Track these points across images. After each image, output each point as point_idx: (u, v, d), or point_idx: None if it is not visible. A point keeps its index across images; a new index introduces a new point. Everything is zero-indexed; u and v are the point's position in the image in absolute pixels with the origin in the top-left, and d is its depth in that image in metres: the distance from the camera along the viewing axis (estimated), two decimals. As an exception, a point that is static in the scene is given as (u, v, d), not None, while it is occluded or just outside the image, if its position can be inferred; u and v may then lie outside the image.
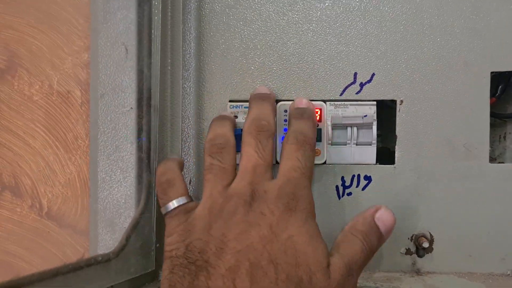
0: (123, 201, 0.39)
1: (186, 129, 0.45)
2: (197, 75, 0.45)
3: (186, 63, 0.45)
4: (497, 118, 0.53)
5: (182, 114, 0.44)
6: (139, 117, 0.39)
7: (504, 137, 0.53)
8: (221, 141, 0.38)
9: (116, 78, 0.38)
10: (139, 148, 0.39)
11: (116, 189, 0.39)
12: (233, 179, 0.37)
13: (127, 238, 0.37)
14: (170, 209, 0.37)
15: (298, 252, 0.33)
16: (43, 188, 0.43)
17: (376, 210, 0.37)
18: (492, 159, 0.53)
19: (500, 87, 0.48)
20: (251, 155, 0.37)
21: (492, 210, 0.44)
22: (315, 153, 0.40)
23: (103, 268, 0.34)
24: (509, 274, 0.44)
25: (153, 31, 0.39)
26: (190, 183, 0.46)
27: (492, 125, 0.53)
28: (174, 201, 0.37)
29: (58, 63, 0.41)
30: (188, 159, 0.45)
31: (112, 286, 0.35)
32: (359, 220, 0.37)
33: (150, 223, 0.39)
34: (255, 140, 0.38)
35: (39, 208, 0.43)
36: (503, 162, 0.49)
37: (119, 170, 0.40)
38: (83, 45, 0.41)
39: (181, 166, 0.40)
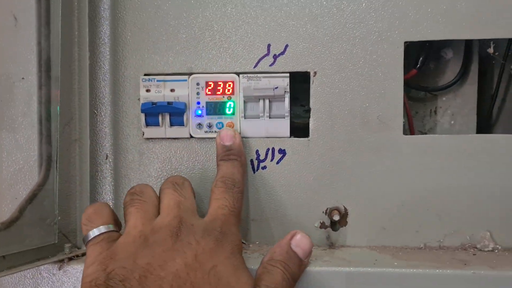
0: (22, 174, 0.39)
1: (98, 101, 0.45)
2: (112, 49, 0.45)
3: (100, 34, 0.45)
4: (429, 92, 0.52)
5: (94, 87, 0.44)
6: (40, 89, 0.39)
7: (435, 111, 0.53)
8: (139, 190, 0.39)
9: (8, 50, 0.37)
10: (40, 120, 0.39)
11: (15, 162, 0.39)
12: (156, 214, 0.37)
13: (21, 210, 0.37)
14: (94, 235, 0.36)
15: (221, 282, 0.33)
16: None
17: (292, 237, 0.37)
18: (423, 133, 0.53)
19: (421, 59, 0.48)
20: (171, 193, 0.38)
21: (406, 182, 0.43)
22: (243, 195, 0.41)
23: (-9, 238, 0.34)
24: (422, 247, 0.43)
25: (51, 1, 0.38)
26: (106, 157, 0.46)
27: (423, 100, 0.53)
28: (100, 227, 0.37)
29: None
30: (103, 132, 0.45)
31: (3, 256, 0.35)
32: (276, 250, 0.37)
33: (50, 196, 0.39)
34: (172, 184, 0.39)
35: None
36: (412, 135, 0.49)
37: (19, 143, 0.39)
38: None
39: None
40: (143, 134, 0.45)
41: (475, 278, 0.37)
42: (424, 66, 0.48)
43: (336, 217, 0.43)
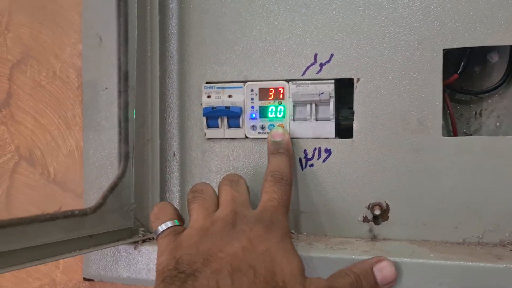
0: (105, 169, 0.46)
1: (167, 106, 0.51)
2: (179, 60, 0.52)
3: (169, 48, 0.51)
4: (473, 95, 0.54)
5: (164, 94, 0.51)
6: (122, 97, 0.46)
7: (480, 114, 0.54)
8: (200, 188, 0.45)
9: (95, 65, 0.45)
10: (120, 124, 0.47)
11: (100, 158, 0.47)
12: (215, 209, 0.43)
13: (104, 198, 0.44)
14: (162, 230, 0.42)
15: (274, 262, 0.37)
16: (50, 158, 0.52)
17: (378, 261, 0.40)
18: (467, 134, 0.55)
19: (462, 64, 0.50)
20: (228, 189, 0.44)
21: (444, 181, 0.46)
22: (291, 187, 0.45)
23: (79, 221, 0.42)
24: (460, 242, 0.46)
25: (129, 21, 0.45)
26: (174, 155, 0.52)
27: (468, 102, 0.55)
28: (167, 222, 0.43)
29: (60, 53, 0.50)
30: (171, 133, 0.52)
31: (90, 235, 0.43)
32: (357, 264, 0.41)
33: (128, 187, 0.46)
34: (228, 181, 0.45)
35: (47, 175, 0.52)
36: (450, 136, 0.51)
37: (106, 143, 0.47)
38: (78, 38, 0.49)
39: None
40: (205, 135, 0.51)
41: (505, 272, 0.39)
42: (467, 70, 0.50)
43: (377, 212, 0.46)
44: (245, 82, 0.50)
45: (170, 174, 0.52)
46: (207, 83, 0.51)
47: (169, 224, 0.43)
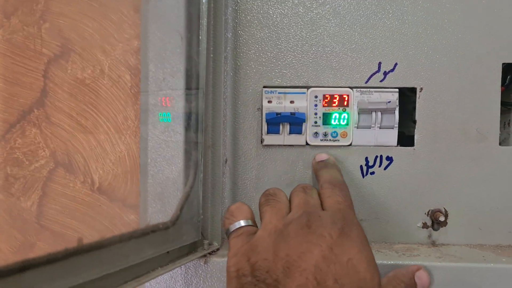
0: (172, 177, 0.43)
1: (223, 112, 0.49)
2: (234, 63, 0.49)
3: (225, 52, 0.49)
4: (503, 106, 0.57)
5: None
6: (188, 100, 0.43)
7: (509, 124, 0.58)
8: (272, 192, 0.43)
9: (170, 64, 0.41)
10: (187, 128, 0.43)
11: (166, 166, 0.43)
12: (287, 213, 0.41)
13: (181, 208, 0.41)
14: (235, 228, 0.40)
15: (359, 276, 0.35)
16: (94, 165, 0.46)
17: (418, 269, 0.42)
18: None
19: (508, 77, 0.53)
20: (301, 195, 0.42)
21: (500, 188, 0.48)
22: (349, 192, 0.44)
23: (163, 235, 0.38)
24: (514, 245, 0.49)
25: (200, 20, 0.42)
26: (226, 162, 0.50)
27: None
28: (241, 221, 0.41)
29: (109, 50, 0.45)
30: (225, 139, 0.49)
31: (168, 251, 0.39)
32: (402, 271, 0.42)
33: (197, 197, 0.43)
34: (301, 188, 0.43)
35: (90, 184, 0.47)
36: (508, 145, 0.54)
37: (168, 149, 0.43)
38: (133, 33, 0.44)
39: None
40: (262, 141, 0.49)
41: None
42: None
43: (442, 218, 0.48)
44: (307, 87, 0.49)
45: (223, 183, 0.49)
46: (264, 87, 0.49)
47: (242, 223, 0.41)
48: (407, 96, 0.50)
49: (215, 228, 0.46)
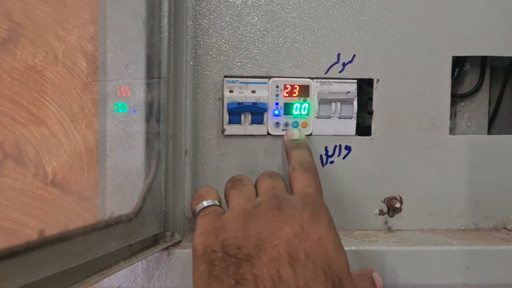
0: (133, 167, 0.42)
1: (184, 101, 0.48)
2: (194, 52, 0.48)
3: (185, 40, 0.48)
4: (452, 98, 0.60)
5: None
6: (149, 89, 0.42)
7: (455, 115, 0.61)
8: (239, 177, 0.43)
9: (130, 51, 0.40)
10: (148, 118, 0.42)
11: (126, 157, 0.42)
12: (255, 197, 0.41)
13: (143, 200, 0.39)
14: (203, 207, 0.40)
15: (328, 254, 0.35)
16: (47, 156, 0.44)
17: (374, 272, 0.43)
18: (446, 134, 0.61)
19: (457, 70, 0.56)
20: (268, 181, 0.42)
21: (450, 175, 0.51)
22: (319, 176, 0.44)
23: (126, 227, 0.37)
24: (463, 229, 0.51)
25: (162, 6, 0.41)
26: (186, 152, 0.49)
27: (446, 104, 0.61)
28: (208, 200, 0.41)
29: (64, 35, 0.42)
30: (185, 130, 0.48)
31: (130, 244, 0.38)
32: (363, 271, 0.43)
33: (160, 188, 0.42)
34: (267, 174, 0.43)
35: (43, 176, 0.44)
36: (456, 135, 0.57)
37: (128, 139, 0.42)
38: (89, 18, 0.42)
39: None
40: (224, 131, 0.49)
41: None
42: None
43: (398, 205, 0.50)
44: (268, 77, 0.49)
45: (184, 173, 0.49)
46: (225, 76, 0.49)
47: (210, 202, 0.41)
48: (363, 88, 0.51)
49: (176, 219, 0.45)
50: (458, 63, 0.56)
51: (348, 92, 0.49)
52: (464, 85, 0.61)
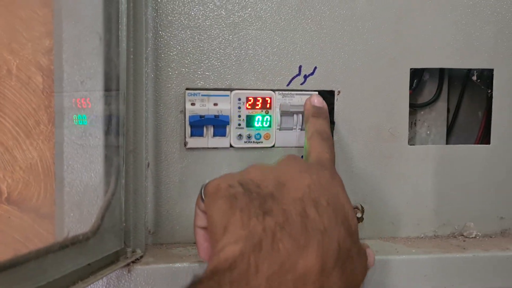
0: (92, 184, 0.41)
1: (145, 114, 0.47)
2: (155, 64, 0.48)
3: (145, 53, 0.47)
4: (411, 108, 0.62)
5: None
6: (107, 102, 0.41)
7: (415, 124, 0.63)
8: None
9: (87, 65, 0.39)
10: (107, 132, 0.41)
11: (84, 172, 0.41)
12: None
13: (102, 217, 0.39)
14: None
15: (344, 207, 0.35)
16: (1, 173, 0.43)
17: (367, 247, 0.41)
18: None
19: (415, 81, 0.57)
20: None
21: (409, 184, 0.52)
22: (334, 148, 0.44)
23: (84, 246, 0.36)
24: (422, 237, 0.53)
25: (120, 19, 0.41)
26: (148, 166, 0.48)
27: (406, 113, 0.62)
28: None
29: (18, 48, 0.41)
30: (147, 143, 0.48)
31: (89, 264, 0.37)
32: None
33: (120, 204, 0.41)
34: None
35: (-3, 194, 0.43)
36: (414, 144, 0.58)
37: (86, 155, 0.41)
38: (44, 31, 0.41)
39: None
40: (186, 144, 0.48)
41: (472, 260, 0.47)
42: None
43: (359, 215, 0.51)
44: (230, 90, 0.49)
45: (145, 188, 0.48)
46: (187, 89, 0.48)
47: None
48: (325, 99, 0.52)
49: (138, 235, 0.45)
50: (417, 74, 0.57)
51: (310, 104, 0.49)
52: (424, 94, 0.62)
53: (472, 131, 0.63)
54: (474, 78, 0.54)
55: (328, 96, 0.52)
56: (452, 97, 0.63)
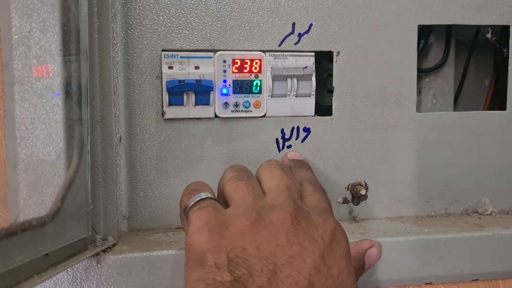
0: (50, 160, 0.34)
1: (114, 80, 0.41)
2: (125, 21, 0.41)
3: (113, 7, 0.40)
4: (423, 73, 0.56)
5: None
6: (66, 65, 0.34)
7: (420, 92, 0.57)
8: (243, 168, 0.36)
9: (37, 17, 0.32)
10: (67, 100, 0.35)
11: (41, 147, 0.34)
12: (263, 195, 0.34)
13: (62, 199, 0.32)
14: (200, 198, 0.32)
15: None
16: None
17: (370, 246, 0.39)
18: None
19: (422, 41, 0.51)
20: (277, 174, 0.35)
21: (418, 157, 0.46)
22: None
23: (38, 233, 0.30)
24: (433, 215, 0.47)
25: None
26: (120, 140, 0.42)
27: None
28: (203, 193, 0.33)
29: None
30: (118, 114, 0.41)
31: (47, 254, 0.31)
32: (353, 249, 0.36)
33: (84, 184, 0.35)
34: (277, 165, 0.37)
35: None
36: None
37: (43, 127, 0.34)
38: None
39: None
40: (164, 114, 0.42)
41: (491, 239, 0.42)
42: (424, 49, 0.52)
43: (363, 191, 0.45)
44: (214, 51, 0.42)
45: (118, 166, 0.42)
46: (163, 50, 0.42)
47: (209, 194, 0.33)
48: (322, 64, 0.46)
49: (109, 219, 0.39)
50: (423, 34, 0.51)
51: (306, 67, 0.43)
52: (429, 59, 0.56)
53: (479, 100, 0.58)
54: (489, 35, 0.48)
55: (324, 61, 0.46)
56: (458, 63, 0.57)
